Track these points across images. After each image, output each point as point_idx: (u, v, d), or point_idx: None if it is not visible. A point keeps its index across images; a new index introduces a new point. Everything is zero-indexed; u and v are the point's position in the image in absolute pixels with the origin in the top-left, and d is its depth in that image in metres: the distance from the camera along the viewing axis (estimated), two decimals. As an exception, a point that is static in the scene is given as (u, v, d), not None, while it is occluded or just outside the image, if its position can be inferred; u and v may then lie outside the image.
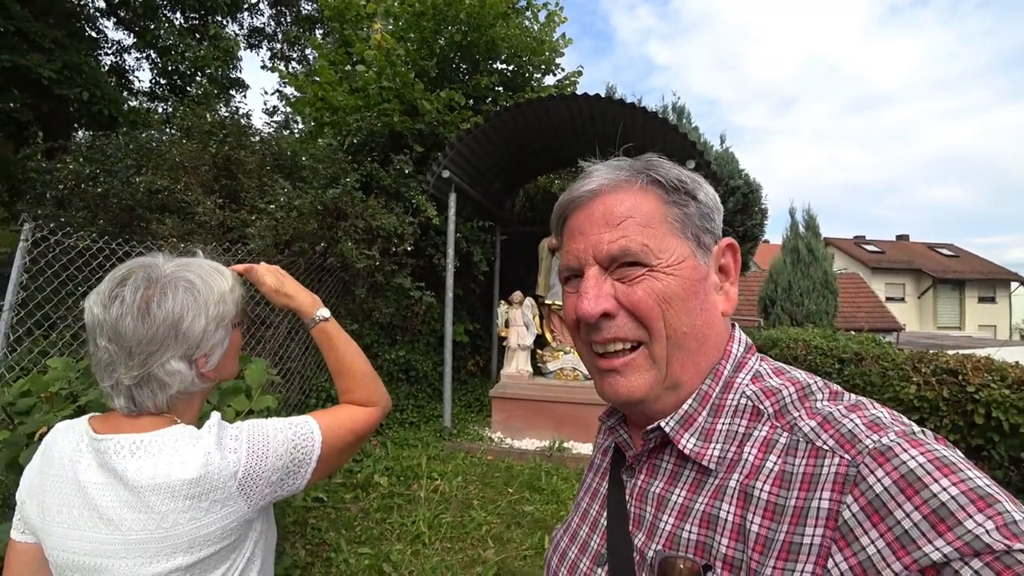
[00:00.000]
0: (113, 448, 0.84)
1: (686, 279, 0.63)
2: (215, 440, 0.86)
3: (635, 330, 0.63)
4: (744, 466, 0.57)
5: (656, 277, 0.62)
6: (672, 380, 0.64)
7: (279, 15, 14.97)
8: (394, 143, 6.41)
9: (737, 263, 0.68)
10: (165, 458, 0.83)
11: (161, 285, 0.87)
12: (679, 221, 0.64)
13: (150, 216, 4.76)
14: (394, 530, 3.68)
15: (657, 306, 0.62)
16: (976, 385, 4.06)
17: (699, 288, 0.64)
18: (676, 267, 0.62)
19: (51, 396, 1.84)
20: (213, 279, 0.93)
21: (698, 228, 0.65)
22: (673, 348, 0.63)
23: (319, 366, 5.26)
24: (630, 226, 0.63)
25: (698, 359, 0.64)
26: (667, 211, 0.64)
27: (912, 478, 0.45)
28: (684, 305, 0.62)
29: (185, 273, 0.90)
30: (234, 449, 0.87)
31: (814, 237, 12.86)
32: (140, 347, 0.84)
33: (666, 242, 0.63)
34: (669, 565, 0.57)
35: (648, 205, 0.64)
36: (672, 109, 11.57)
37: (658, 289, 0.61)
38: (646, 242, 0.62)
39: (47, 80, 8.30)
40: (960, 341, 14.61)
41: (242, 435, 0.89)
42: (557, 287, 6.60)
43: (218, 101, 10.60)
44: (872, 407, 0.55)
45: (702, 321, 0.63)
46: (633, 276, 0.62)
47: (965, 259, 27.75)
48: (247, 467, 0.86)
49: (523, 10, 7.70)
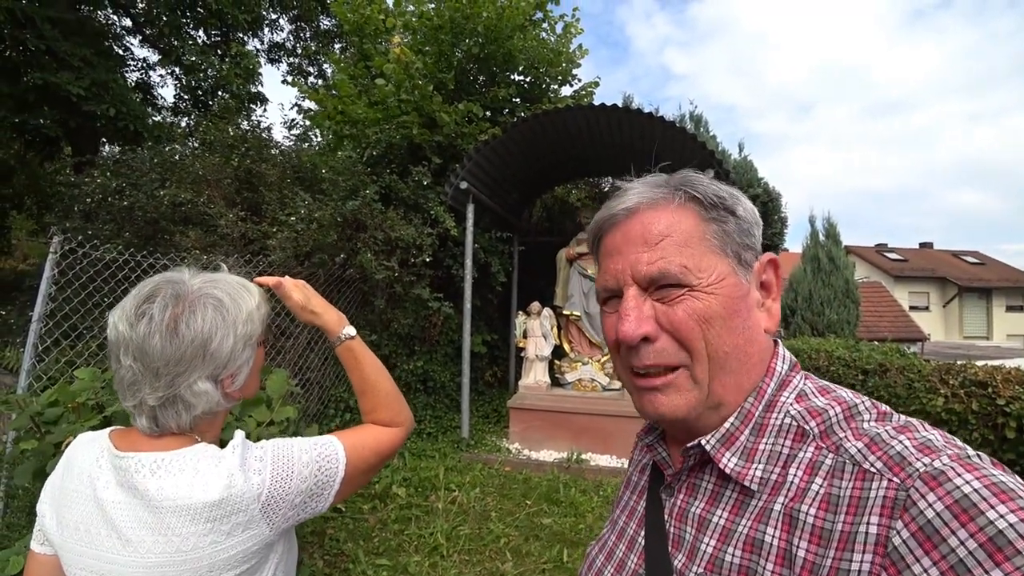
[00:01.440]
0: (134, 466, 0.82)
1: (727, 297, 0.61)
2: (238, 461, 0.84)
3: (676, 353, 0.62)
4: (789, 489, 0.56)
5: (697, 297, 0.60)
6: (714, 400, 0.62)
7: (298, 30, 15.27)
8: (413, 155, 6.47)
9: (779, 279, 0.67)
10: (187, 479, 0.81)
11: (189, 303, 0.85)
12: (718, 238, 0.63)
13: (174, 228, 4.85)
14: (412, 542, 3.66)
15: (698, 326, 0.60)
16: (1007, 398, 3.94)
17: (740, 306, 0.62)
18: (717, 286, 0.61)
19: (78, 406, 1.86)
20: (241, 297, 0.91)
21: (738, 245, 0.64)
22: (715, 368, 0.61)
23: (338, 377, 5.29)
24: (668, 246, 0.62)
25: (740, 378, 0.63)
26: (706, 228, 0.63)
27: (967, 504, 0.42)
28: (726, 324, 0.61)
29: (213, 290, 0.88)
30: (258, 471, 0.84)
31: (834, 245, 12.68)
32: (167, 367, 0.82)
33: (705, 260, 0.62)
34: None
35: (686, 223, 0.63)
36: (690, 118, 11.53)
37: (699, 309, 0.60)
38: (685, 263, 0.61)
39: (76, 97, 8.53)
40: (988, 351, 14.23)
41: (266, 456, 0.87)
42: (575, 298, 6.57)
43: (239, 116, 10.83)
44: (923, 429, 0.53)
45: (744, 340, 0.62)
46: (673, 297, 0.61)
47: (992, 267, 27.10)
48: (271, 490, 0.84)
49: (540, 22, 7.75)
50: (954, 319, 24.69)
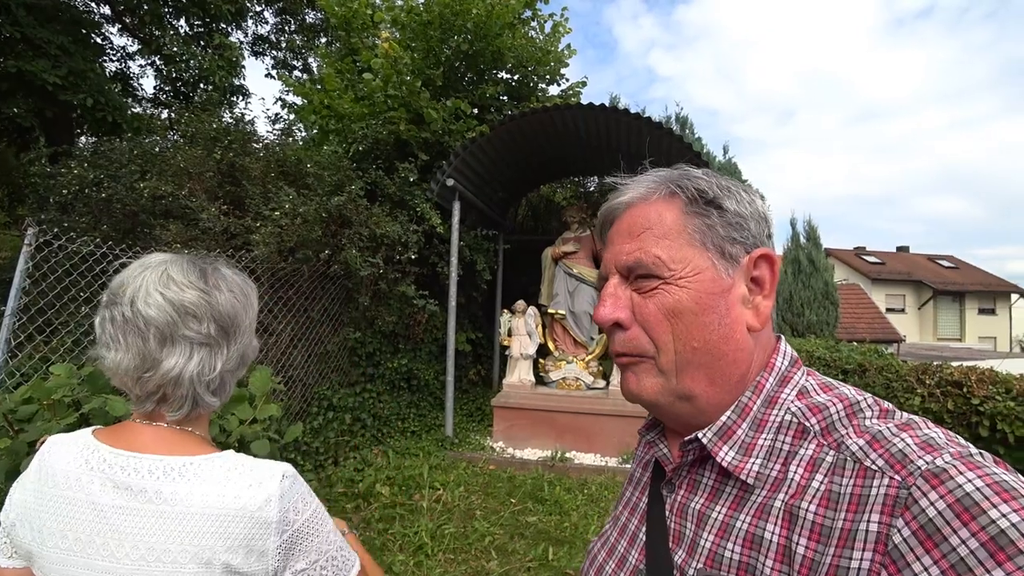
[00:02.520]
0: (147, 468, 0.78)
1: (701, 292, 0.62)
2: (278, 491, 0.77)
3: (646, 345, 0.64)
4: (790, 485, 0.55)
5: (668, 290, 0.62)
6: (683, 391, 0.63)
7: (283, 23, 15.04)
8: (399, 151, 6.42)
9: (774, 275, 0.66)
10: (217, 487, 0.76)
11: (215, 276, 0.85)
12: (699, 232, 0.64)
13: (154, 222, 4.74)
14: (396, 541, 3.64)
15: (666, 321, 0.62)
16: (981, 397, 4.05)
17: (717, 302, 0.62)
18: (690, 279, 0.62)
19: (53, 403, 1.81)
20: (247, 281, 0.91)
21: (722, 239, 0.64)
22: (682, 362, 0.62)
23: (321, 375, 5.23)
24: (647, 238, 0.64)
25: (712, 374, 0.63)
26: (687, 222, 0.64)
27: (968, 503, 0.42)
28: (696, 319, 0.62)
29: (220, 267, 0.88)
30: (298, 511, 0.79)
31: (815, 248, 12.89)
32: (240, 330, 0.85)
33: (682, 253, 0.63)
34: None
35: (669, 216, 0.65)
36: (676, 119, 11.63)
37: (668, 303, 0.62)
38: (659, 254, 0.63)
39: (52, 86, 8.30)
40: (960, 353, 14.59)
41: (311, 505, 0.81)
42: (560, 296, 6.58)
43: (222, 108, 10.63)
44: (925, 426, 0.53)
45: (718, 336, 0.62)
46: (647, 288, 0.64)
47: (965, 271, 27.79)
48: (294, 536, 0.78)
49: (528, 20, 7.74)
50: (929, 321, 25.29)
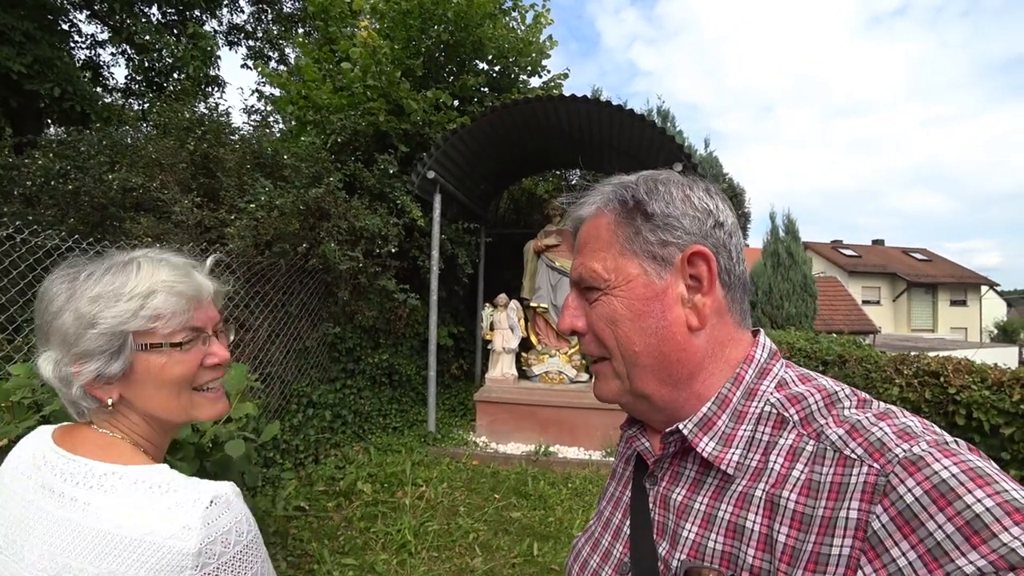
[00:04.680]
0: (73, 471, 0.72)
1: (633, 299, 0.64)
2: (201, 519, 0.68)
3: (599, 348, 0.68)
4: (770, 475, 0.56)
5: (606, 300, 0.66)
6: (637, 391, 0.67)
7: (259, 12, 14.71)
8: (379, 143, 6.30)
9: (712, 271, 0.64)
10: (132, 506, 0.69)
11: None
12: (628, 240, 0.65)
13: (124, 215, 4.59)
14: (379, 539, 3.59)
15: (607, 327, 0.66)
16: (957, 387, 4.11)
17: (651, 307, 0.64)
18: (623, 288, 0.65)
19: (12, 405, 1.72)
20: (114, 273, 0.77)
21: (651, 243, 0.64)
22: (629, 365, 0.66)
23: (300, 371, 5.14)
24: (587, 252, 0.68)
25: (660, 374, 0.65)
26: (617, 232, 0.66)
27: (945, 488, 0.43)
28: (633, 325, 0.64)
29: (97, 261, 0.80)
30: (228, 542, 0.70)
31: (794, 241, 13.05)
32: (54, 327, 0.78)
33: (615, 263, 0.65)
34: (695, 574, 0.57)
35: (603, 229, 0.68)
36: (657, 113, 11.65)
37: (607, 313, 0.65)
38: (595, 267, 0.66)
39: (16, 74, 8.01)
40: (934, 343, 14.94)
41: (245, 537, 0.72)
42: (542, 290, 6.55)
43: (196, 99, 10.36)
44: (902, 415, 0.54)
45: (658, 339, 0.63)
46: (593, 299, 0.67)
47: (937, 263, 28.47)
48: (219, 571, 0.69)
49: (509, 11, 7.66)
50: (903, 312, 25.86)
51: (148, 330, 0.76)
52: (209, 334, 0.84)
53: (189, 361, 0.80)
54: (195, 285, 0.81)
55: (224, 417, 1.96)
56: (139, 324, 0.76)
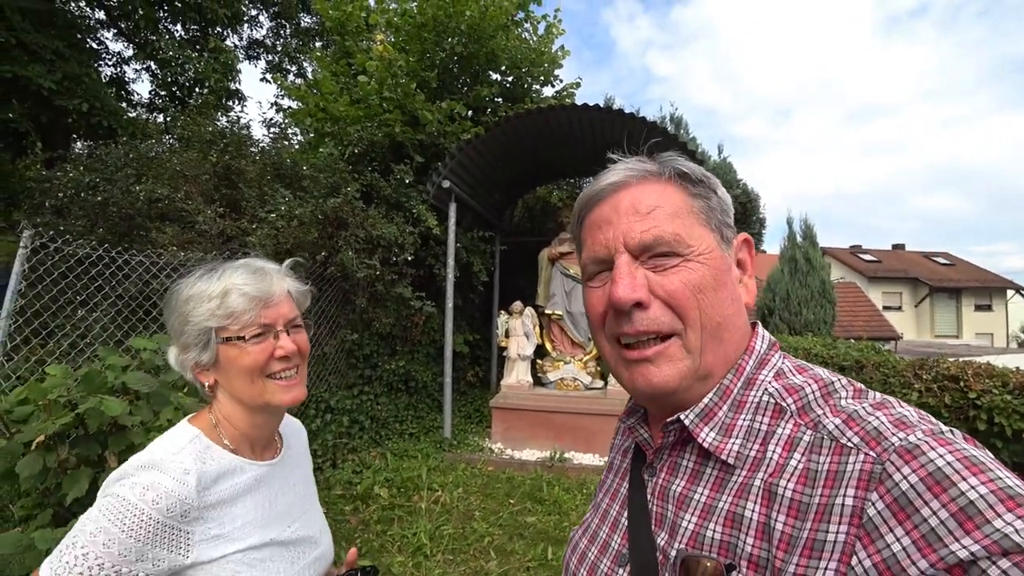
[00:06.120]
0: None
1: (717, 268, 0.64)
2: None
3: (671, 321, 0.62)
4: (768, 464, 0.57)
5: (690, 267, 0.62)
6: (704, 370, 0.63)
7: (278, 27, 15.06)
8: (395, 153, 6.42)
9: (753, 258, 0.71)
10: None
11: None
12: (704, 213, 0.66)
13: (150, 225, 4.74)
14: (395, 542, 3.63)
15: (693, 296, 0.62)
16: (978, 391, 4.05)
17: (727, 279, 0.65)
18: (707, 256, 0.63)
19: (49, 404, 1.81)
20: (204, 279, 0.95)
21: (720, 221, 0.67)
22: (707, 337, 0.63)
23: (319, 377, 5.22)
24: (660, 216, 0.63)
25: (728, 349, 0.65)
26: (693, 203, 0.66)
27: (940, 476, 0.44)
28: (716, 295, 0.63)
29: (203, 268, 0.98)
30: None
31: (811, 247, 12.89)
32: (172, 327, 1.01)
33: (695, 231, 0.64)
34: (693, 563, 0.57)
35: (676, 196, 0.66)
36: (670, 120, 11.66)
37: (693, 279, 0.62)
38: (678, 231, 0.63)
39: (47, 91, 8.30)
40: (958, 349, 14.62)
41: (92, 512, 0.82)
42: (557, 297, 6.59)
43: (217, 112, 10.62)
44: (899, 406, 0.55)
45: (733, 311, 0.65)
46: (668, 266, 0.63)
47: (961, 267, 27.85)
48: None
49: (521, 22, 7.76)
50: (926, 318, 25.32)
51: (224, 326, 0.92)
52: (279, 329, 0.96)
53: (259, 352, 0.93)
54: (264, 287, 0.95)
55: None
56: (217, 321, 0.91)
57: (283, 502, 1.02)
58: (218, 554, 0.86)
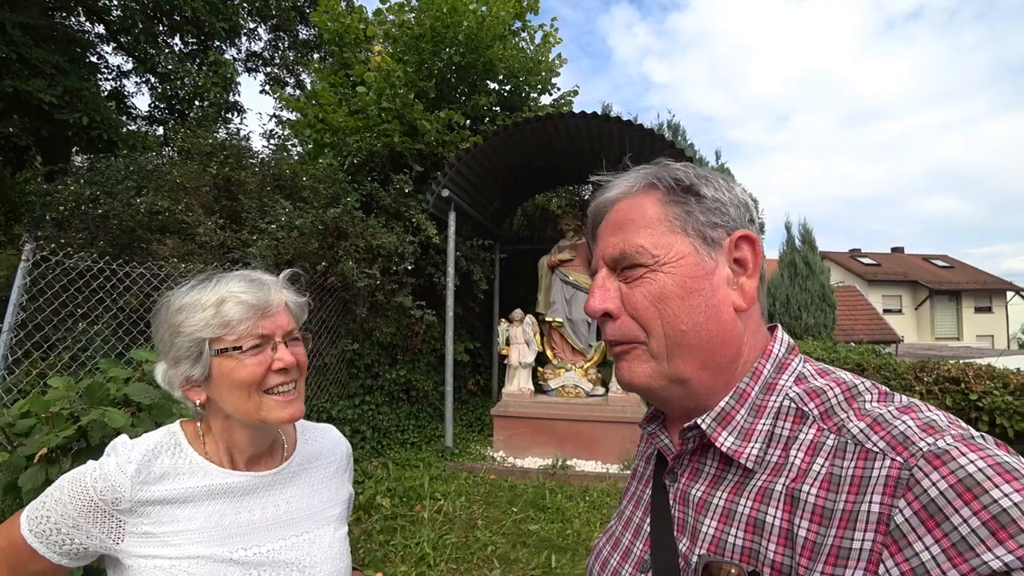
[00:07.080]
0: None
1: (685, 276, 0.63)
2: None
3: (635, 331, 0.65)
4: (791, 469, 0.56)
5: (653, 277, 0.64)
6: (676, 375, 0.64)
7: (276, 40, 15.15)
8: (394, 163, 6.45)
9: (756, 255, 0.67)
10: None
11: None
12: (679, 219, 0.65)
13: (150, 237, 4.76)
14: (398, 552, 3.62)
15: (653, 307, 0.63)
16: (979, 393, 4.06)
17: (701, 285, 0.63)
18: (674, 264, 0.63)
19: (51, 416, 1.80)
20: (197, 288, 0.91)
21: (702, 224, 0.65)
22: (672, 345, 0.63)
23: (320, 387, 5.22)
24: (630, 229, 0.66)
25: (704, 356, 0.63)
26: (667, 210, 0.66)
27: (971, 483, 0.43)
28: (682, 303, 0.63)
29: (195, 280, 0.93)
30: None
31: (811, 251, 12.93)
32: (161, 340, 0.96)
33: (664, 240, 0.64)
34: (716, 569, 0.56)
35: (650, 206, 0.67)
36: (668, 127, 11.72)
37: (654, 290, 0.63)
38: (642, 243, 0.64)
39: (48, 105, 8.34)
40: (959, 351, 14.61)
41: (51, 492, 0.87)
42: (557, 304, 6.59)
43: (217, 125, 10.67)
44: (927, 410, 0.53)
45: (705, 318, 0.63)
46: (634, 277, 0.65)
47: (960, 270, 27.87)
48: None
49: (519, 32, 7.82)
50: (926, 321, 25.30)
51: (219, 336, 0.86)
52: (277, 341, 0.90)
53: (256, 364, 0.87)
54: (262, 296, 0.90)
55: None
56: (212, 332, 0.86)
57: (252, 518, 0.92)
58: (148, 552, 0.84)
